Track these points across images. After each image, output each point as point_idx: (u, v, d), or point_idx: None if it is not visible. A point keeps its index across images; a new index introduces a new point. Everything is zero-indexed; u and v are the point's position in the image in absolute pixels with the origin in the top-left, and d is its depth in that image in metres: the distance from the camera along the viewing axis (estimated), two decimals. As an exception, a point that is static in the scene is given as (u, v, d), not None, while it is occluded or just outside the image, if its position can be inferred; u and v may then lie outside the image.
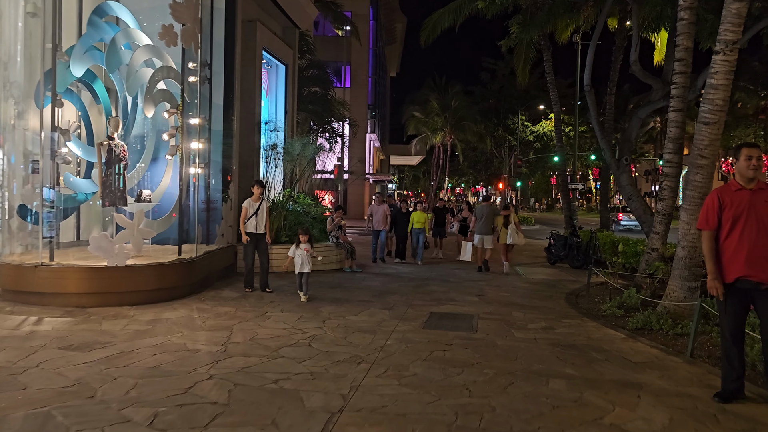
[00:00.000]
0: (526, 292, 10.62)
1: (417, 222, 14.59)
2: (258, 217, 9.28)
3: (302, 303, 8.59)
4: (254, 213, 9.24)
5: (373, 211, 14.51)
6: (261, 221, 9.31)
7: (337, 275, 11.85)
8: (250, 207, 9.29)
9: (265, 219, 9.33)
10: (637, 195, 14.55)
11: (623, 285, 10.12)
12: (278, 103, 14.98)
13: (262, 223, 9.32)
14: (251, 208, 9.28)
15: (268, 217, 9.43)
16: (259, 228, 9.34)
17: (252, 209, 9.29)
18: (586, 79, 15.48)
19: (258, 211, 9.30)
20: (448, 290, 10.43)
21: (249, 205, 9.30)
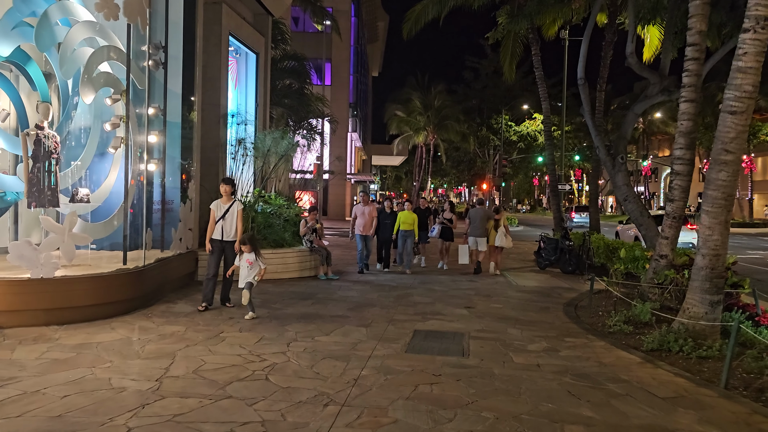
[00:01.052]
0: (520, 302, 9.57)
1: (405, 223, 12.69)
2: (226, 221, 7.94)
3: (265, 321, 7.40)
4: (222, 216, 7.95)
5: (358, 212, 12.65)
6: (230, 226, 7.96)
7: (311, 284, 10.69)
8: (218, 209, 7.99)
9: (235, 223, 8.00)
10: (634, 196, 13.63)
11: (624, 293, 9.14)
12: (249, 95, 13.77)
13: (231, 228, 7.97)
14: (219, 210, 7.99)
15: (240, 221, 8.05)
16: (227, 234, 7.98)
17: (220, 212, 7.98)
18: (580, 71, 14.52)
19: (226, 214, 7.95)
20: (433, 301, 9.34)
21: (217, 208, 8.01)
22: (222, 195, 8.08)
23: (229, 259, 8.07)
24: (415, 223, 12.80)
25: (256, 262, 7.56)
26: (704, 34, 8.31)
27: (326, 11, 30.86)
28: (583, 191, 78.35)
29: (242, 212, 8.17)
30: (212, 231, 7.96)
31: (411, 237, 12.83)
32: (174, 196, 9.75)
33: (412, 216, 12.90)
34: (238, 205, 8.07)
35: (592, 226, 19.23)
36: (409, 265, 12.86)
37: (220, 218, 7.90)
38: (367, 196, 13.28)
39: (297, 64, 16.60)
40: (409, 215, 12.88)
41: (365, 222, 12.54)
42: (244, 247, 7.51)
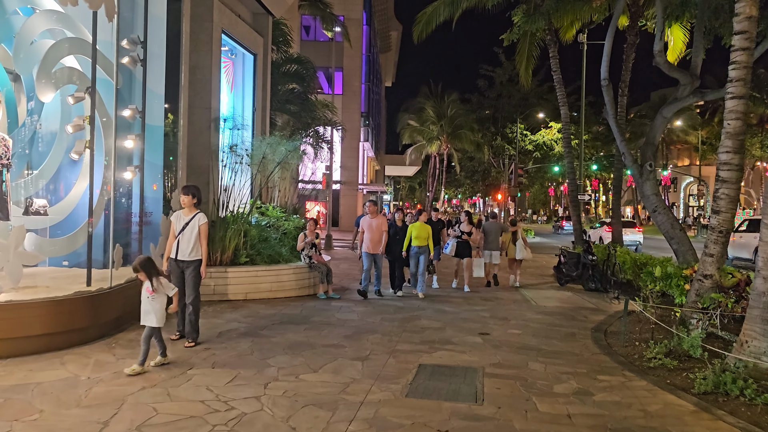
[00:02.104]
0: (541, 327, 8.45)
1: (417, 237, 10.82)
2: (184, 236, 6.58)
3: (245, 354, 6.36)
4: (181, 230, 6.64)
5: (365, 226, 10.62)
6: (187, 243, 6.57)
7: (309, 304, 9.66)
8: (178, 222, 6.67)
9: (193, 240, 6.57)
10: (664, 206, 12.46)
11: (659, 316, 7.99)
12: (246, 99, 12.87)
13: (188, 245, 6.56)
14: (178, 223, 6.67)
15: (204, 238, 6.63)
16: (185, 252, 6.57)
17: (179, 225, 6.66)
18: (603, 72, 13.43)
19: (185, 228, 6.60)
20: (443, 326, 8.26)
21: (177, 219, 6.70)
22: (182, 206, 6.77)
23: (189, 285, 6.64)
24: (430, 237, 10.94)
25: (160, 289, 5.71)
26: (755, 21, 7.21)
27: (336, 18, 30.11)
28: (600, 202, 76.71)
29: (206, 227, 6.68)
30: (170, 248, 6.69)
31: (425, 254, 10.87)
32: (155, 208, 8.80)
33: (425, 229, 10.95)
34: (200, 218, 6.65)
35: (614, 239, 18.02)
36: (422, 287, 10.93)
37: (179, 233, 6.66)
38: (375, 205, 10.97)
39: (301, 67, 15.72)
40: (422, 228, 10.93)
41: (373, 237, 10.53)
42: (139, 275, 5.72)
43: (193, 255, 6.62)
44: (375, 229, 10.57)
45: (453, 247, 12.19)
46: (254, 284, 9.87)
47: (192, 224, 6.62)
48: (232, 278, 9.66)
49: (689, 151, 65.94)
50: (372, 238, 10.55)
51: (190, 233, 6.60)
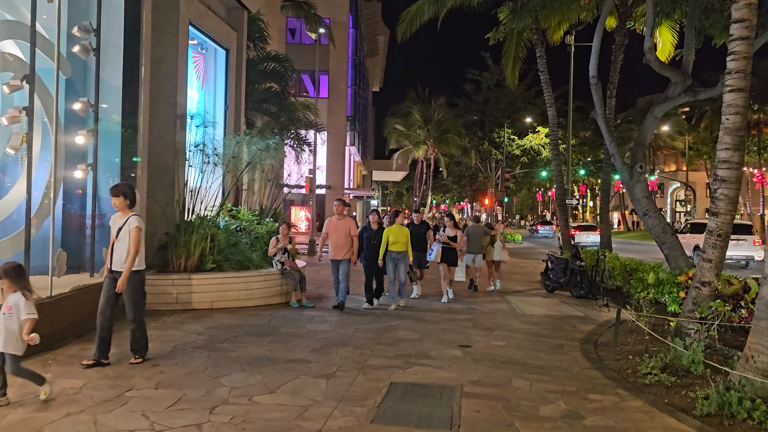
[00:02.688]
0: (527, 338, 7.86)
1: (395, 243, 9.76)
2: (118, 243, 5.76)
3: (196, 372, 5.68)
4: (116, 236, 5.81)
5: (330, 228, 9.65)
6: (121, 252, 5.73)
7: (279, 313, 9.00)
8: (114, 227, 5.91)
9: (128, 247, 5.71)
10: (655, 210, 11.95)
11: (652, 326, 7.45)
12: (218, 97, 12.21)
13: (122, 254, 5.72)
14: (114, 227, 5.90)
15: (135, 243, 5.70)
16: (118, 262, 5.74)
17: (114, 230, 5.87)
18: (592, 70, 12.92)
19: (119, 234, 5.78)
20: (421, 337, 7.64)
21: (113, 224, 5.94)
22: None
23: (128, 300, 5.87)
24: (409, 241, 9.92)
25: (21, 307, 4.57)
26: (754, 8, 6.70)
27: (320, 19, 29.54)
28: (588, 207, 76.64)
29: (138, 234, 5.73)
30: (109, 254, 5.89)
31: (404, 260, 9.86)
32: (111, 210, 8.11)
33: (403, 232, 9.91)
34: (132, 221, 5.74)
35: (603, 244, 17.54)
36: (402, 297, 10.01)
37: (116, 239, 5.86)
38: (344, 205, 9.80)
39: (279, 66, 15.10)
40: (399, 232, 9.84)
41: (337, 241, 9.48)
42: (2, 283, 4.63)
43: (128, 263, 5.74)
44: (340, 231, 9.52)
45: (438, 253, 11.27)
46: (221, 292, 9.21)
47: (125, 230, 5.75)
48: (196, 286, 8.99)
49: (676, 157, 66.08)
50: (335, 243, 9.52)
51: (124, 240, 5.74)
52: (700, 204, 59.68)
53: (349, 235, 9.54)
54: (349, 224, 9.60)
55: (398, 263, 9.88)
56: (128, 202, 5.81)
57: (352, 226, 9.62)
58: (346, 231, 9.54)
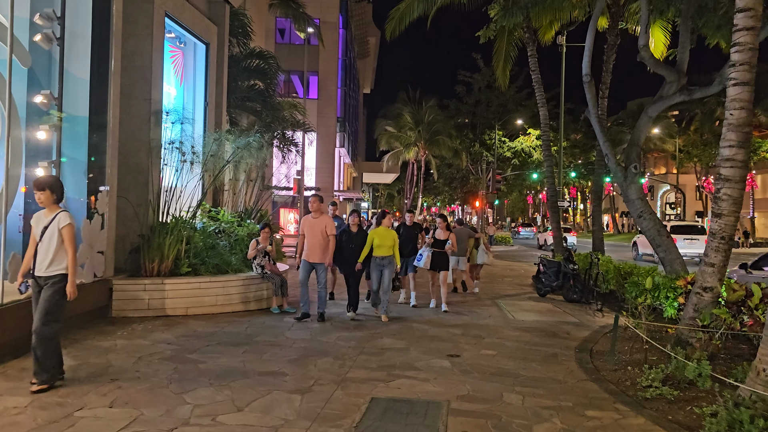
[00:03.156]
0: (519, 346, 7.43)
1: (380, 246, 8.94)
2: (42, 245, 5.04)
3: (159, 388, 5.18)
4: (39, 237, 5.07)
5: (306, 227, 8.77)
6: (45, 254, 5.01)
7: (258, 320, 8.51)
8: (37, 226, 5.12)
9: (53, 250, 5.00)
10: (650, 211, 11.60)
11: (650, 334, 7.03)
12: (198, 93, 11.71)
13: (46, 256, 5.01)
14: (37, 227, 5.11)
15: (69, 245, 5.03)
16: (41, 266, 5.01)
17: (38, 230, 5.10)
18: (585, 67, 12.57)
19: (44, 234, 5.04)
20: (407, 346, 7.19)
21: (36, 223, 5.15)
22: None
23: (41, 307, 4.99)
24: (396, 245, 9.13)
25: None
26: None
27: (309, 18, 29.09)
28: (578, 210, 76.59)
29: (71, 231, 5.08)
30: (28, 261, 5.13)
31: (390, 266, 9.02)
32: (77, 210, 7.62)
33: (390, 236, 9.09)
34: (62, 219, 5.06)
35: (595, 247, 17.19)
36: (386, 307, 9.08)
37: (39, 240, 5.07)
38: (319, 201, 8.76)
39: (263, 63, 14.62)
40: (386, 235, 9.03)
41: (312, 242, 8.63)
42: None
43: (54, 269, 5.01)
44: (316, 231, 8.64)
45: (428, 258, 10.21)
46: (197, 297, 8.71)
47: (51, 228, 5.03)
48: (170, 291, 8.48)
49: (666, 159, 66.17)
50: (311, 243, 8.65)
51: (49, 241, 5.01)
52: (689, 207, 59.72)
53: (325, 235, 8.67)
54: (326, 223, 8.68)
55: (383, 269, 9.00)
56: (55, 197, 5.09)
57: (330, 225, 8.70)
58: (323, 230, 8.65)
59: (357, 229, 9.19)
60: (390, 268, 9.03)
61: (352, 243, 9.01)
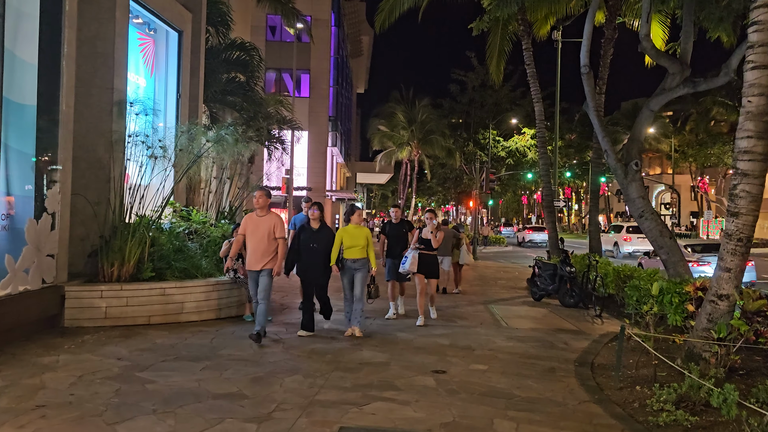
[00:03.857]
0: (513, 359, 6.71)
1: (351, 247, 7.63)
2: None
3: (90, 416, 4.41)
4: None
5: (248, 228, 7.18)
6: None
7: (227, 329, 7.77)
8: None
9: None
10: (651, 211, 10.92)
11: (656, 345, 6.34)
12: (170, 84, 10.95)
13: None
14: None
15: None
16: None
17: None
18: (583, 58, 11.86)
19: None
20: (389, 360, 6.46)
21: None
22: None
23: None
24: (370, 245, 7.72)
25: None
26: (782, -31, 5.63)
27: (298, 13, 28.35)
28: (573, 210, 76.12)
29: None
30: None
31: (362, 271, 7.63)
32: (22, 209, 6.86)
33: (361, 234, 7.68)
34: None
35: (592, 248, 16.51)
36: (359, 320, 7.66)
37: None
38: (265, 195, 7.21)
39: (244, 54, 13.87)
40: (356, 233, 7.65)
41: (257, 246, 7.06)
42: None
43: None
44: (261, 232, 7.04)
45: (413, 260, 8.51)
46: (161, 305, 7.95)
47: None
48: (130, 298, 7.73)
49: (661, 159, 65.75)
50: (253, 247, 7.09)
51: None
52: (684, 207, 59.21)
53: (272, 238, 7.06)
54: (274, 222, 7.11)
55: (355, 274, 7.60)
56: None
57: (279, 225, 7.14)
58: (269, 231, 7.04)
59: (319, 225, 7.59)
60: (363, 273, 7.66)
61: (313, 242, 7.44)
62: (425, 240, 8.77)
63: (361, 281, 7.66)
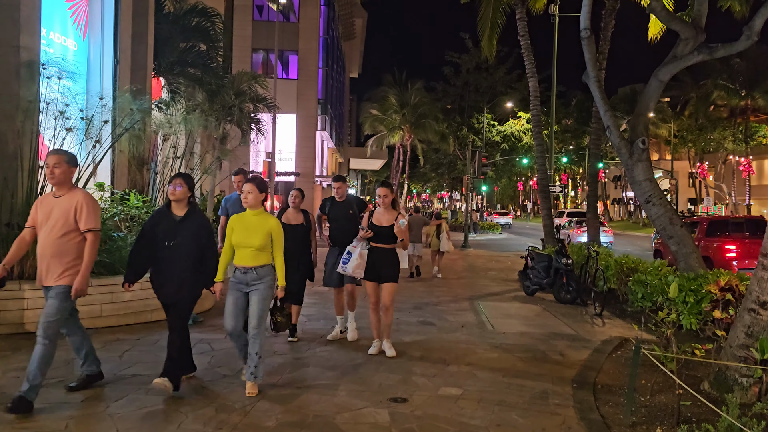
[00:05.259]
0: (495, 379, 5.36)
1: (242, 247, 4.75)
2: None
3: None
4: None
5: (39, 215, 4.39)
6: None
7: (151, 338, 6.38)
8: None
9: None
10: (660, 195, 9.58)
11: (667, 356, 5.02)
12: (107, 49, 9.48)
13: None
14: None
15: None
16: None
17: None
18: (583, 21, 10.41)
19: None
20: (337, 381, 5.08)
21: None
22: None
23: None
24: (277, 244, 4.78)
25: None
26: None
27: (281, -13, 26.80)
28: (569, 197, 74.85)
29: None
30: None
31: (262, 286, 4.75)
32: None
33: (262, 226, 4.75)
34: None
35: (591, 237, 15.18)
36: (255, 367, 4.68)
37: None
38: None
39: (205, 21, 12.34)
40: (254, 224, 4.76)
41: (45, 244, 4.37)
42: None
43: None
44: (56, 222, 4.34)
45: (359, 259, 5.88)
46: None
47: None
48: (32, 299, 6.33)
49: (659, 145, 64.32)
50: (42, 246, 4.41)
51: None
52: (681, 194, 57.97)
53: (71, 231, 4.33)
54: (75, 204, 4.34)
55: (251, 293, 4.72)
56: None
57: (85, 209, 4.31)
58: (67, 220, 4.33)
59: (187, 209, 4.68)
60: (262, 290, 4.70)
61: (172, 237, 4.61)
62: (378, 228, 5.95)
63: (260, 304, 4.66)
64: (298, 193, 6.56)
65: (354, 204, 6.74)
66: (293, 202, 6.46)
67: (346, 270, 5.97)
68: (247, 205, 4.77)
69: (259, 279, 4.72)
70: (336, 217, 6.66)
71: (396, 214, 5.97)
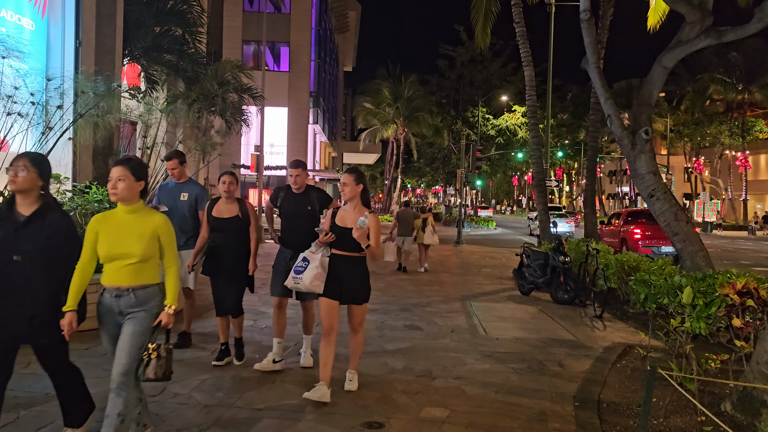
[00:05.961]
0: (486, 396, 4.72)
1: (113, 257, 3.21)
2: None
3: None
4: None
5: None
6: None
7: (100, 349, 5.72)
8: None
9: None
10: (664, 190, 8.95)
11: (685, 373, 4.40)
12: (69, 31, 8.76)
13: None
14: None
15: None
16: None
17: None
18: (584, 3, 9.76)
19: None
20: (303, 402, 4.44)
21: None
22: None
23: None
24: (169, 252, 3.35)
25: None
26: None
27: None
28: (564, 192, 74.38)
29: None
30: None
31: (140, 314, 3.25)
32: None
33: (143, 227, 3.26)
34: None
35: (588, 233, 14.59)
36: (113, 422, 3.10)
37: None
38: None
39: (182, 3, 11.60)
40: (130, 224, 3.25)
41: None
42: None
43: None
44: None
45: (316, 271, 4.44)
46: (18, 312, 5.87)
47: None
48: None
49: (655, 140, 63.85)
50: None
51: None
52: (677, 189, 57.54)
53: None
54: None
55: (125, 322, 3.24)
56: None
57: None
58: None
59: (38, 205, 3.31)
60: (140, 320, 3.24)
61: (14, 250, 3.20)
62: (342, 230, 4.46)
63: (132, 338, 3.20)
64: (233, 179, 5.17)
65: (315, 198, 5.17)
66: (226, 190, 5.14)
67: (299, 282, 4.45)
68: (116, 198, 3.21)
69: (138, 305, 3.21)
70: (289, 212, 5.15)
71: (366, 213, 4.45)
